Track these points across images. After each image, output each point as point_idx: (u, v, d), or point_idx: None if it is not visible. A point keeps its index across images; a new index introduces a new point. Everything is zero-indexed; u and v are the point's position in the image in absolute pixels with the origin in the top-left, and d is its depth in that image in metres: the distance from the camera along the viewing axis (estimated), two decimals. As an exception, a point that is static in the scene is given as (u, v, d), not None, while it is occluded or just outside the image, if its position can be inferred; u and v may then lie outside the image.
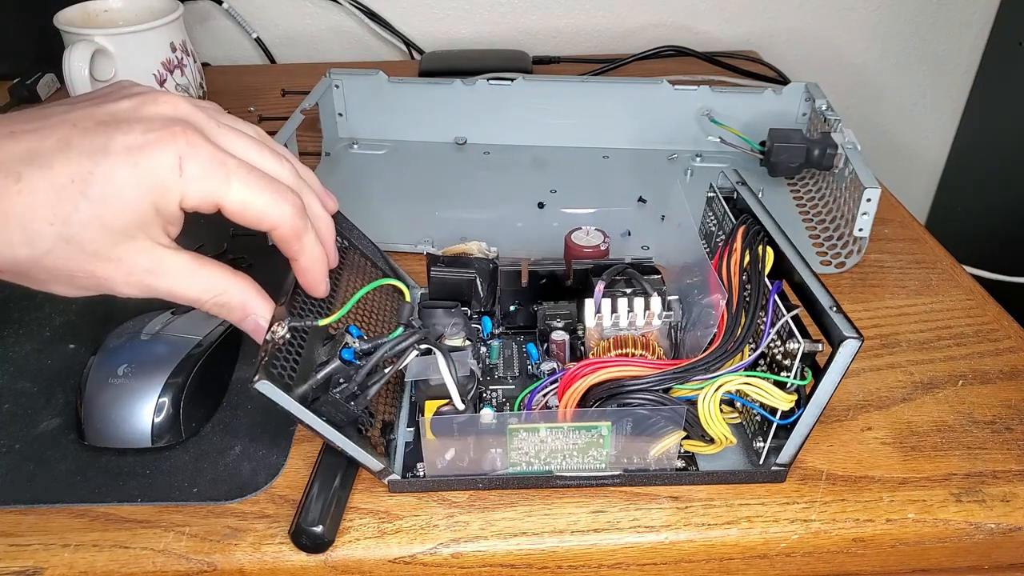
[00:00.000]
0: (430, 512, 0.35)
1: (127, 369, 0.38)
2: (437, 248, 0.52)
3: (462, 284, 0.43)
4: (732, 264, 0.37)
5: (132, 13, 0.67)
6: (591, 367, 0.35)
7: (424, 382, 0.36)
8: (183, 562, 0.34)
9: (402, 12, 0.91)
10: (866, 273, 0.52)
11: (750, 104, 0.65)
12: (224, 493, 0.36)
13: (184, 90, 0.66)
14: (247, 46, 0.92)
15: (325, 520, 0.33)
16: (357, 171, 0.65)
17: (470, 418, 0.34)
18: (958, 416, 0.41)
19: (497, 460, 0.36)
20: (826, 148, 0.57)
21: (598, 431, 0.35)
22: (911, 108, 1.02)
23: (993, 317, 0.48)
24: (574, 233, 0.45)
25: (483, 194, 0.61)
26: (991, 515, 0.35)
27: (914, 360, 0.44)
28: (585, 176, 0.63)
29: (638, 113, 0.66)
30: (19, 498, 0.36)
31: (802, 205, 0.59)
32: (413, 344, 0.34)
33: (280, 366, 0.32)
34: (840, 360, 0.32)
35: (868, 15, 0.94)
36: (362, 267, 0.43)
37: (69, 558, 0.34)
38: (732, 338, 0.35)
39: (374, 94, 0.67)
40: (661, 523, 0.35)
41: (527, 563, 0.35)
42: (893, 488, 0.37)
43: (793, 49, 0.95)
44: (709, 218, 0.45)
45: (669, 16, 0.93)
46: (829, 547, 0.35)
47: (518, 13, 0.92)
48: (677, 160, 0.66)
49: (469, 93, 0.66)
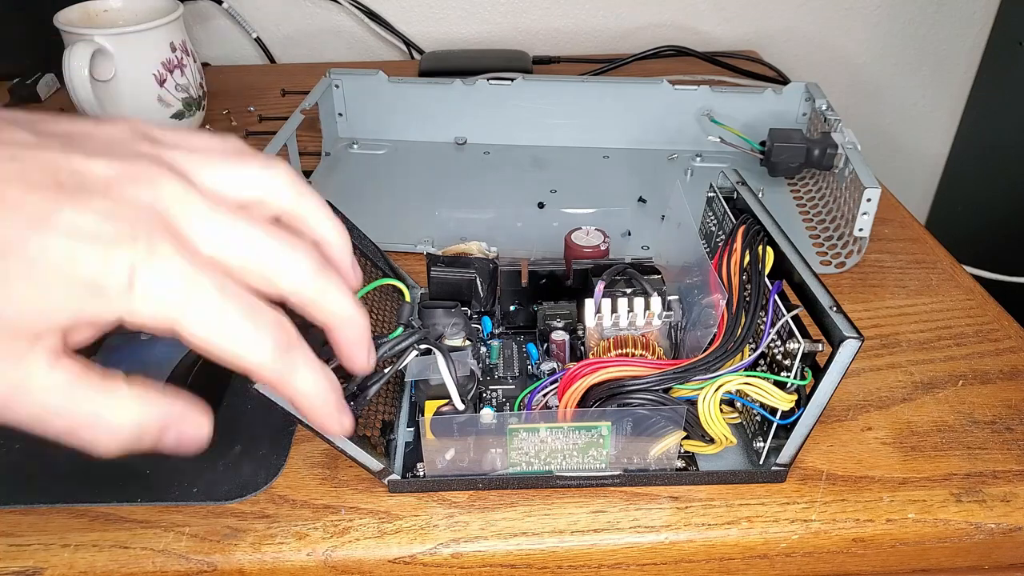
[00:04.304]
0: (430, 512, 0.35)
1: (127, 369, 0.38)
2: (437, 248, 0.52)
3: (462, 284, 0.43)
4: (732, 264, 0.37)
5: (132, 13, 0.67)
6: (591, 367, 0.35)
7: (424, 382, 0.36)
8: (183, 562, 0.34)
9: (402, 12, 0.91)
10: (866, 273, 0.52)
11: (750, 104, 0.65)
12: (224, 493, 0.36)
13: (184, 90, 0.66)
14: (247, 46, 0.92)
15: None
16: (357, 171, 0.65)
17: (470, 418, 0.34)
18: (958, 416, 0.41)
19: (497, 460, 0.36)
20: (826, 148, 0.57)
21: (598, 431, 0.35)
22: (911, 108, 1.02)
23: (993, 317, 0.48)
24: (574, 233, 0.45)
25: (483, 194, 0.61)
26: (991, 515, 0.35)
27: (914, 360, 0.44)
28: (585, 176, 0.63)
29: (638, 113, 0.66)
30: (19, 498, 0.36)
31: (802, 205, 0.59)
32: (413, 344, 0.34)
33: (280, 366, 0.32)
34: (840, 360, 0.32)
35: (868, 15, 0.94)
36: (362, 267, 0.43)
37: (69, 558, 0.34)
38: (732, 338, 0.35)
39: (374, 94, 0.67)
40: (661, 523, 0.35)
41: (527, 563, 0.35)
42: (893, 488, 0.37)
43: (793, 49, 0.95)
44: (709, 218, 0.45)
45: (669, 16, 0.93)
46: (829, 547, 0.35)
47: (518, 13, 0.92)
48: (677, 160, 0.66)
49: (469, 93, 0.66)
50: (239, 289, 0.24)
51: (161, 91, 0.65)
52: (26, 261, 0.22)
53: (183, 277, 0.23)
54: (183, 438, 0.26)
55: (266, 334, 0.24)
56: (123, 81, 0.63)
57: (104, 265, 0.22)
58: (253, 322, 0.24)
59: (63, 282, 0.22)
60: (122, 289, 0.22)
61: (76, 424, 0.24)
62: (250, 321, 0.24)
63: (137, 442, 0.25)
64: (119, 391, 0.24)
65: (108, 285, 0.22)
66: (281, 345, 0.25)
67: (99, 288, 0.22)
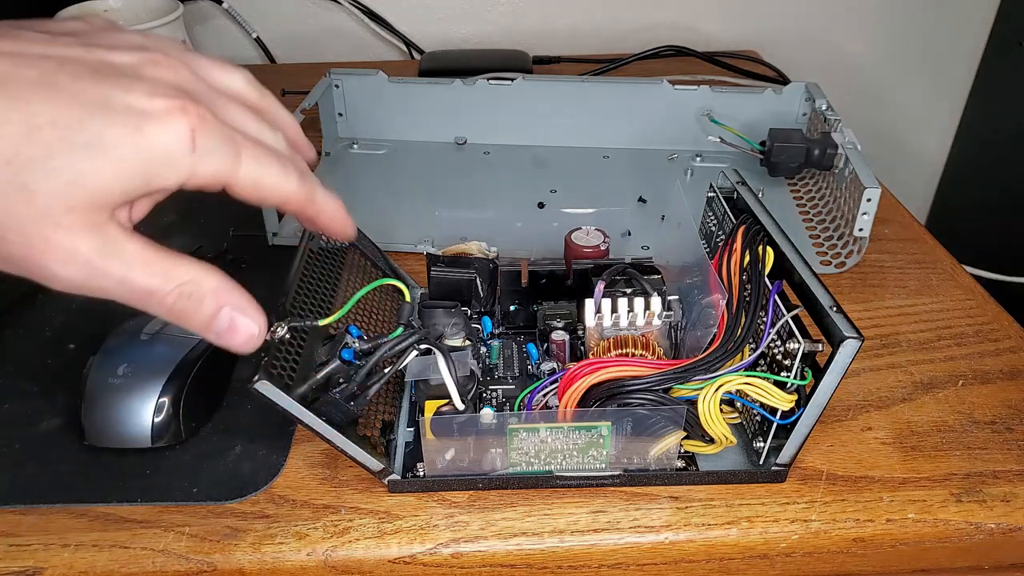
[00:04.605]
0: (430, 512, 0.35)
1: (127, 369, 0.38)
2: (437, 248, 0.52)
3: (462, 284, 0.43)
4: (732, 264, 0.37)
5: (132, 13, 0.67)
6: (591, 367, 0.35)
7: (424, 382, 0.36)
8: (183, 562, 0.34)
9: (402, 12, 0.91)
10: (866, 273, 0.52)
11: (750, 104, 0.65)
12: (224, 493, 0.36)
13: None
14: (247, 46, 0.92)
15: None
16: (357, 171, 0.65)
17: (470, 418, 0.34)
18: (958, 416, 0.41)
19: (497, 460, 0.36)
20: (826, 148, 0.57)
21: (598, 431, 0.35)
22: (911, 108, 1.02)
23: (993, 317, 0.48)
24: (574, 233, 0.45)
25: (483, 194, 0.61)
26: (991, 515, 0.35)
27: (914, 360, 0.44)
28: (585, 176, 0.63)
29: (638, 113, 0.66)
30: (19, 498, 0.36)
31: (802, 205, 0.59)
32: (413, 344, 0.34)
33: (280, 366, 0.32)
34: (840, 360, 0.32)
35: (868, 15, 0.94)
36: (362, 267, 0.43)
37: (69, 558, 0.34)
38: (732, 338, 0.35)
39: (374, 94, 0.67)
40: (661, 523, 0.35)
41: (527, 563, 0.35)
42: (893, 488, 0.37)
43: (793, 49, 0.95)
44: (709, 218, 0.45)
45: (669, 16, 0.93)
46: (829, 547, 0.35)
47: (518, 13, 0.92)
48: (677, 160, 0.66)
49: (469, 93, 0.66)
50: (261, 140, 0.29)
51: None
52: (99, 139, 0.24)
53: (227, 136, 0.27)
54: (235, 324, 0.29)
55: (291, 168, 0.29)
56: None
57: (171, 134, 0.25)
58: (280, 163, 0.29)
59: (135, 154, 0.25)
60: (187, 152, 0.26)
61: (155, 287, 0.27)
62: (279, 162, 0.29)
63: (199, 308, 0.28)
64: (190, 261, 0.28)
65: (175, 151, 0.26)
66: (303, 174, 0.30)
67: (169, 155, 0.26)
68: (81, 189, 0.24)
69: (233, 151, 0.27)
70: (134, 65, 0.27)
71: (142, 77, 0.26)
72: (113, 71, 0.26)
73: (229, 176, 0.27)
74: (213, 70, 0.30)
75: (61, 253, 0.25)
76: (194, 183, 0.27)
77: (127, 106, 0.25)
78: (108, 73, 0.26)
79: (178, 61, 0.28)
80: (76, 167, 0.24)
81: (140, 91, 0.25)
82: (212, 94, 0.29)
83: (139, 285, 0.26)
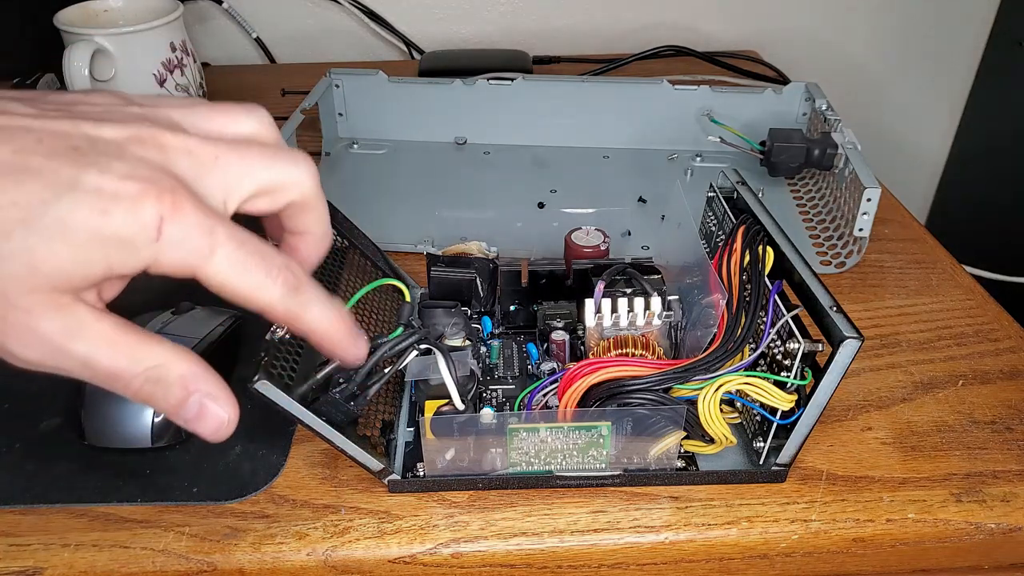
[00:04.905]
0: (430, 512, 0.35)
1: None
2: (437, 248, 0.52)
3: (462, 284, 0.43)
4: (732, 264, 0.37)
5: (132, 13, 0.67)
6: (591, 367, 0.35)
7: (424, 382, 0.36)
8: (183, 562, 0.34)
9: (402, 12, 0.91)
10: (866, 273, 0.52)
11: (750, 104, 0.65)
12: (224, 493, 0.36)
13: (184, 90, 0.66)
14: (247, 46, 0.92)
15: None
16: (357, 171, 0.65)
17: (470, 418, 0.34)
18: (958, 416, 0.41)
19: (497, 460, 0.36)
20: (826, 148, 0.57)
21: (598, 431, 0.35)
22: (911, 108, 1.02)
23: (993, 317, 0.48)
24: (574, 233, 0.45)
25: (483, 194, 0.61)
26: (991, 515, 0.35)
27: (914, 360, 0.44)
28: (585, 176, 0.63)
29: (638, 113, 0.66)
30: (19, 498, 0.36)
31: (802, 205, 0.59)
32: (413, 344, 0.34)
33: (280, 366, 0.32)
34: (840, 360, 0.32)
35: (868, 15, 0.94)
36: (362, 267, 0.43)
37: (69, 558, 0.34)
38: (732, 338, 0.35)
39: (374, 94, 0.67)
40: (661, 523, 0.35)
41: (527, 563, 0.35)
42: (893, 488, 0.37)
43: (793, 49, 0.95)
44: (709, 218, 0.45)
45: (669, 16, 0.93)
46: (829, 547, 0.35)
47: (518, 13, 0.92)
48: (677, 160, 0.66)
49: (469, 93, 0.66)
50: (250, 237, 0.27)
51: (161, 91, 0.64)
52: (59, 222, 0.23)
53: (203, 228, 0.25)
54: (204, 412, 0.28)
55: (276, 276, 0.27)
56: (123, 81, 0.63)
57: (133, 221, 0.24)
58: (265, 267, 0.27)
59: (97, 239, 0.24)
60: (150, 241, 0.24)
61: (120, 369, 0.26)
62: (262, 266, 0.26)
63: (166, 395, 0.27)
64: (160, 344, 0.27)
65: (138, 238, 0.24)
66: (290, 285, 0.27)
67: (129, 242, 0.24)
68: (38, 272, 0.24)
69: (207, 244, 0.25)
70: (119, 142, 0.25)
71: (124, 156, 0.25)
72: (94, 149, 0.25)
73: (197, 271, 0.26)
74: (217, 119, 0.29)
75: (19, 333, 0.24)
76: (157, 271, 0.25)
77: (97, 188, 0.24)
78: (87, 151, 0.25)
79: (171, 132, 0.26)
80: (33, 250, 0.23)
81: (115, 173, 0.24)
82: (206, 167, 0.27)
83: (103, 367, 0.25)
